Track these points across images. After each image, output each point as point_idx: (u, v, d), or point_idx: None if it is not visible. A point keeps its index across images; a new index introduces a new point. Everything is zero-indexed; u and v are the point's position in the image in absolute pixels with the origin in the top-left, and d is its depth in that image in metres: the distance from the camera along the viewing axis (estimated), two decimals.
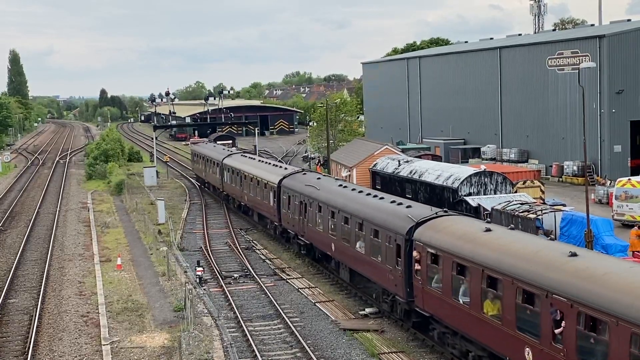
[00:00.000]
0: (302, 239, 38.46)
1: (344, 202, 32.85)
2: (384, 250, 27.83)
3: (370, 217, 29.62)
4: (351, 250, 31.41)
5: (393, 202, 30.07)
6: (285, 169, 46.12)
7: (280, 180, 42.22)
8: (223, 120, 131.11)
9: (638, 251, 34.54)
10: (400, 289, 26.60)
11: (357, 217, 30.61)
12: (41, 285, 35.01)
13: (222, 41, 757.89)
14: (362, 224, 29.99)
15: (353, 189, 34.68)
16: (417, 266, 25.41)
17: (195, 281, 35.03)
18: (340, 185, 36.71)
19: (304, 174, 42.36)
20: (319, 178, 39.81)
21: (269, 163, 51.50)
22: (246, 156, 58.11)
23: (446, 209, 27.72)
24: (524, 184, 46.63)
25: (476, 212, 40.12)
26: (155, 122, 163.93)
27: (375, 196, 32.11)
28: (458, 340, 23.54)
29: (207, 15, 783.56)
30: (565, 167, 66.39)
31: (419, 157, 59.96)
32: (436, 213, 26.53)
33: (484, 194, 42.98)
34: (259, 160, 53.82)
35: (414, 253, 25.44)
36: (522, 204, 38.63)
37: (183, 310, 29.65)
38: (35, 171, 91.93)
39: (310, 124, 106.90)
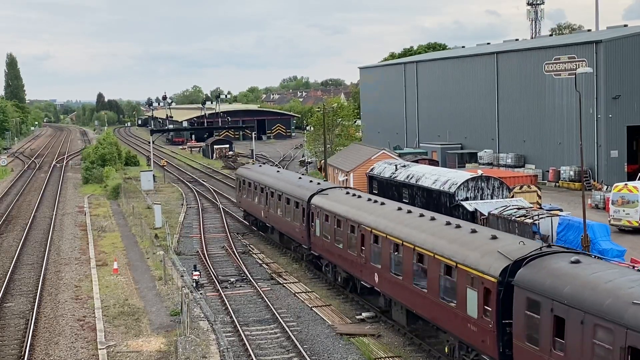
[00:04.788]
0: None
1: None
2: None
3: None
4: None
5: None
6: (475, 231, 24.02)
7: (513, 269, 19.93)
8: (220, 124, 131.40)
9: None
10: None
11: None
12: (37, 289, 34.94)
13: (218, 47, 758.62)
14: None
15: None
16: None
17: (192, 285, 35.01)
18: None
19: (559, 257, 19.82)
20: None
21: (427, 217, 27.48)
22: (355, 194, 35.11)
23: None
24: (520, 189, 46.61)
25: (472, 217, 40.22)
26: (153, 126, 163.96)
27: None
28: None
29: (202, 22, 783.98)
30: (561, 172, 66.48)
31: (416, 161, 59.99)
32: None
33: (481, 199, 43.02)
34: (403, 210, 29.65)
35: None
36: (518, 208, 38.68)
37: (179, 314, 29.65)
38: (32, 175, 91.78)
39: (308, 128, 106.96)
